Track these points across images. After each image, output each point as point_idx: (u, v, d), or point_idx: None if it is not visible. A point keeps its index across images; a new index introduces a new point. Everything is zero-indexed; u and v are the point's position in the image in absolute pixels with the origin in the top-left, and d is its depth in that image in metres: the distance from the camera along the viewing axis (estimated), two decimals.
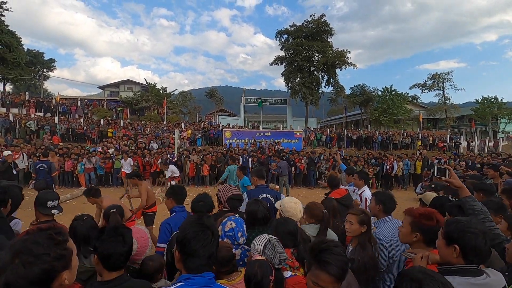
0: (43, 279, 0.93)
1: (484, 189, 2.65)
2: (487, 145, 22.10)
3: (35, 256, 0.92)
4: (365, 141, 21.58)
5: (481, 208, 1.83)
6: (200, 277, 1.23)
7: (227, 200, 2.70)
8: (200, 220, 1.35)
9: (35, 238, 0.97)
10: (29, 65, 31.79)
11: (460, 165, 10.60)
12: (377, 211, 2.51)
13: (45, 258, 0.94)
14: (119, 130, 19.07)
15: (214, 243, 1.29)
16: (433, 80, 34.09)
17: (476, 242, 1.31)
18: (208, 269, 1.27)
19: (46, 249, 0.95)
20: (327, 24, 28.13)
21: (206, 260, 1.26)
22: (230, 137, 19.25)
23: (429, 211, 1.78)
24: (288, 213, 2.44)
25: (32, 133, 17.05)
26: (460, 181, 1.99)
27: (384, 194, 2.62)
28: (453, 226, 1.39)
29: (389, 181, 13.40)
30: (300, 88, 27.82)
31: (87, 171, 11.94)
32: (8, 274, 0.88)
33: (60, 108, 22.28)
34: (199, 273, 1.24)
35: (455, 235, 1.36)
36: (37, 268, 0.92)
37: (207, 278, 1.24)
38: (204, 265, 1.26)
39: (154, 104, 28.21)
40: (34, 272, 0.91)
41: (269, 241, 1.80)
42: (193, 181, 13.20)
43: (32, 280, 0.91)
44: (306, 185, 13.46)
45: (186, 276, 1.24)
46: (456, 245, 1.34)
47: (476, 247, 1.31)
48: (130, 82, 39.51)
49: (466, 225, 1.36)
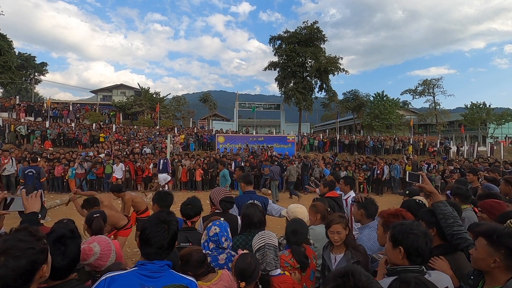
0: (29, 270, 1.03)
1: (460, 193, 2.75)
2: (476, 150, 22.53)
3: (21, 250, 1.02)
4: (357, 146, 21.80)
5: (451, 213, 1.88)
6: (152, 264, 1.40)
7: (219, 202, 2.78)
8: (159, 214, 1.54)
9: (18, 236, 1.07)
10: (20, 69, 31.45)
11: (448, 169, 10.80)
12: (360, 216, 2.56)
13: (30, 251, 1.05)
14: (111, 135, 18.92)
15: (166, 235, 1.44)
16: (423, 86, 34.77)
17: (418, 243, 1.39)
18: (159, 258, 1.42)
19: (29, 244, 1.06)
20: (320, 30, 28.55)
21: (156, 249, 1.42)
22: (223, 142, 19.26)
23: (396, 211, 1.88)
24: (293, 214, 2.57)
25: (22, 138, 16.81)
26: (432, 186, 2.07)
27: (366, 199, 2.67)
28: (397, 229, 1.48)
29: (380, 185, 13.54)
30: (293, 93, 28.05)
31: (78, 176, 11.80)
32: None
33: (51, 113, 22.02)
34: (151, 260, 1.41)
35: (399, 237, 1.45)
36: (24, 260, 1.02)
37: (158, 266, 1.40)
38: (155, 253, 1.42)
39: (147, 109, 28.08)
40: (22, 264, 1.01)
41: (264, 247, 1.92)
42: (186, 186, 13.15)
43: (20, 272, 1.01)
44: (299, 189, 13.50)
45: (141, 262, 1.41)
46: (401, 247, 1.42)
47: (418, 248, 1.39)
48: (123, 86, 39.30)
49: (409, 227, 1.44)
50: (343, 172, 11.75)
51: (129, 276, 1.37)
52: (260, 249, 1.93)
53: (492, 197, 2.53)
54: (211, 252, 2.05)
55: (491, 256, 1.38)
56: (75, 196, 4.43)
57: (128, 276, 1.38)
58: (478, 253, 1.45)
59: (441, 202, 1.95)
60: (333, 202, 3.38)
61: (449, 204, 1.97)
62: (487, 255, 1.39)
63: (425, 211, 2.04)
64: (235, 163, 13.19)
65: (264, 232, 2.13)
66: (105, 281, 1.35)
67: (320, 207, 2.76)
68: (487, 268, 1.42)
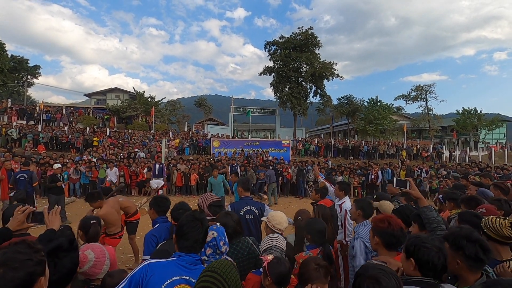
0: (27, 282, 1.04)
1: (454, 198, 2.79)
2: (468, 155, 22.88)
3: (19, 262, 1.03)
4: (351, 150, 21.97)
5: (435, 218, 1.99)
6: (189, 256, 1.53)
7: (208, 207, 2.72)
8: (193, 213, 1.71)
9: (16, 249, 1.08)
10: (12, 72, 31.07)
11: (441, 174, 10.94)
12: (357, 216, 2.72)
13: (28, 263, 1.05)
14: (105, 139, 18.73)
15: (200, 231, 1.59)
16: (416, 92, 35.35)
17: (429, 257, 1.40)
18: (195, 251, 1.57)
19: (28, 256, 1.06)
20: (315, 36, 28.88)
21: (192, 243, 1.56)
22: (219, 146, 19.21)
23: (384, 216, 1.93)
24: (275, 221, 2.52)
25: (13, 142, 16.54)
26: (418, 192, 2.18)
27: (363, 201, 2.83)
28: (410, 241, 1.50)
29: (374, 190, 13.63)
30: (288, 98, 28.22)
31: (72, 181, 11.64)
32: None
33: (44, 116, 21.73)
34: (189, 253, 1.53)
35: (411, 249, 1.47)
36: (22, 272, 1.03)
37: (194, 259, 1.54)
38: (191, 247, 1.56)
39: (142, 113, 27.93)
40: (20, 276, 1.02)
41: (271, 248, 2.09)
42: (181, 190, 13.05)
43: (18, 283, 1.01)
44: (294, 194, 13.52)
45: (178, 254, 1.53)
46: (412, 259, 1.44)
47: (429, 261, 1.40)
48: (117, 90, 39.02)
49: (422, 241, 1.46)
50: (339, 177, 11.81)
51: (169, 265, 1.49)
52: (267, 250, 2.08)
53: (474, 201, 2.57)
54: (208, 258, 2.04)
55: (453, 259, 1.47)
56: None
57: (168, 265, 1.49)
58: (448, 257, 1.51)
59: (426, 207, 2.06)
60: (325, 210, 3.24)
61: None
62: (451, 258, 1.47)
63: (417, 214, 2.13)
64: (231, 167, 13.16)
65: (273, 234, 2.31)
66: (147, 267, 1.46)
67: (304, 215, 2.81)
68: (454, 270, 1.51)
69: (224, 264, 1.39)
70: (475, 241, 1.46)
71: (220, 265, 1.36)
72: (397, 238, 1.83)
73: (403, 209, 2.60)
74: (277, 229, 2.47)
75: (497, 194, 3.30)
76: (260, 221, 3.17)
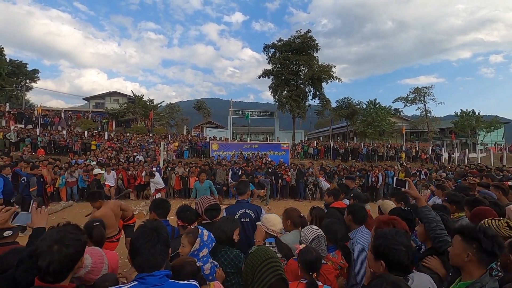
0: (74, 259, 1.29)
1: (456, 201, 2.75)
2: (467, 157, 22.89)
3: (71, 241, 1.28)
4: (351, 153, 21.95)
5: (434, 217, 2.00)
6: (151, 277, 1.29)
7: (204, 211, 2.67)
8: (146, 223, 1.47)
9: (67, 229, 1.33)
10: (11, 76, 31.02)
11: (440, 176, 10.90)
12: (348, 221, 2.65)
13: (78, 243, 1.31)
14: (103, 143, 18.66)
15: (155, 242, 1.35)
16: (415, 94, 35.43)
17: (400, 257, 1.42)
18: (156, 267, 1.33)
19: (77, 236, 1.33)
20: (313, 39, 28.96)
21: (147, 257, 1.32)
22: (217, 149, 19.18)
23: (388, 218, 1.90)
24: (269, 223, 2.50)
25: (11, 145, 16.46)
26: (417, 192, 2.21)
27: (354, 205, 2.77)
28: (379, 242, 1.50)
29: (374, 192, 13.58)
30: (287, 101, 28.23)
31: (69, 185, 11.56)
32: (52, 255, 1.21)
33: (42, 120, 21.62)
34: (145, 271, 1.31)
35: (381, 250, 1.47)
36: (73, 249, 1.27)
37: (158, 277, 1.30)
38: (147, 263, 1.32)
39: (140, 116, 27.88)
40: (71, 252, 1.26)
41: (318, 236, 2.19)
42: (179, 194, 12.98)
43: (69, 259, 1.26)
44: (294, 197, 13.45)
45: (139, 276, 1.31)
46: (382, 261, 1.45)
47: (399, 262, 1.42)
48: (116, 93, 39.00)
49: (392, 241, 1.46)
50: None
51: None
52: (315, 238, 2.18)
53: (478, 203, 2.55)
54: (197, 262, 1.99)
55: (465, 251, 1.50)
56: None
57: None
58: (454, 249, 1.57)
59: (425, 207, 2.08)
60: (338, 214, 3.17)
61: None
62: (462, 250, 1.51)
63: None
64: (233, 171, 13.10)
65: (312, 226, 2.39)
66: None
67: (293, 213, 2.76)
68: (461, 263, 1.53)
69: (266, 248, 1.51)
70: (491, 236, 1.49)
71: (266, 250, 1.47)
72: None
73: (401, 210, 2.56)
74: (272, 231, 2.43)
75: (498, 195, 3.31)
76: (256, 224, 3.13)
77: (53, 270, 1.20)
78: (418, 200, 2.16)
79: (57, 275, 1.24)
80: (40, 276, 1.23)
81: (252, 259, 1.51)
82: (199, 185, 6.50)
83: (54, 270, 1.21)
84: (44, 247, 1.22)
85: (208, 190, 6.46)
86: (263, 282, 1.41)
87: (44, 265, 1.19)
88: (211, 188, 6.58)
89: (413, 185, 2.27)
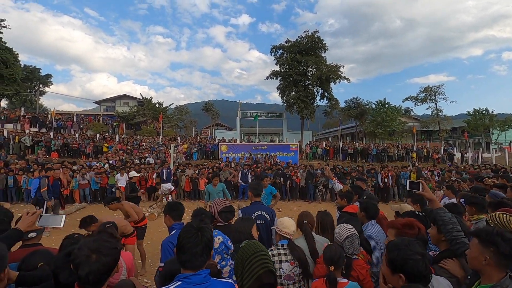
0: (112, 267, 1.32)
1: (476, 203, 2.68)
2: (480, 156, 22.34)
3: (108, 249, 1.31)
4: (360, 153, 21.71)
5: (450, 219, 1.95)
6: (195, 275, 1.35)
7: (218, 213, 2.69)
8: (194, 223, 1.54)
9: (103, 238, 1.37)
10: (25, 81, 31.86)
11: (453, 176, 10.69)
12: (361, 217, 2.81)
13: (115, 251, 1.34)
14: (114, 145, 18.99)
15: (198, 242, 1.41)
16: (425, 93, 34.81)
17: (418, 268, 1.37)
18: (199, 266, 1.38)
19: (114, 245, 1.35)
20: (321, 39, 28.82)
21: (190, 256, 1.38)
22: (226, 151, 19.26)
23: (410, 221, 1.87)
24: (282, 225, 2.52)
25: (26, 149, 16.91)
26: (431, 193, 2.17)
27: (367, 202, 2.86)
28: (395, 254, 1.43)
29: (385, 193, 13.39)
30: (295, 101, 28.14)
31: (82, 187, 11.80)
32: (90, 265, 1.23)
33: (56, 123, 22.18)
34: (194, 269, 1.37)
35: (397, 263, 1.40)
36: (110, 258, 1.30)
37: (202, 276, 1.37)
38: (189, 261, 1.38)
39: (150, 119, 28.26)
40: (109, 261, 1.29)
41: (351, 235, 2.31)
42: (189, 195, 13.09)
43: (108, 267, 1.29)
44: (304, 198, 13.39)
45: (183, 276, 1.36)
46: (401, 274, 1.39)
47: (418, 272, 1.37)
48: (126, 97, 39.63)
49: (407, 252, 1.40)
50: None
51: None
52: (349, 237, 2.30)
53: (502, 205, 2.48)
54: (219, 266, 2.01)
55: (482, 254, 1.48)
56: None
57: None
58: (471, 252, 1.55)
59: (440, 209, 2.04)
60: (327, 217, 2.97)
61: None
62: (479, 253, 1.49)
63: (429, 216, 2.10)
64: (242, 172, 13.14)
65: (345, 224, 2.50)
66: None
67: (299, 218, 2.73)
68: (480, 266, 1.51)
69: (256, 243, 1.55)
70: (509, 239, 1.47)
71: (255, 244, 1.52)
72: (426, 243, 1.81)
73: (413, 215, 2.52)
74: (285, 233, 2.45)
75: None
76: (270, 226, 3.13)
77: (92, 280, 1.24)
78: (432, 202, 2.13)
79: (96, 283, 1.27)
80: (79, 284, 1.27)
81: (241, 253, 1.55)
82: (212, 188, 6.39)
83: (93, 279, 1.24)
84: (82, 257, 1.25)
85: (221, 193, 6.40)
86: (251, 274, 1.44)
87: (83, 274, 1.22)
88: (224, 190, 6.51)
89: (427, 187, 2.24)
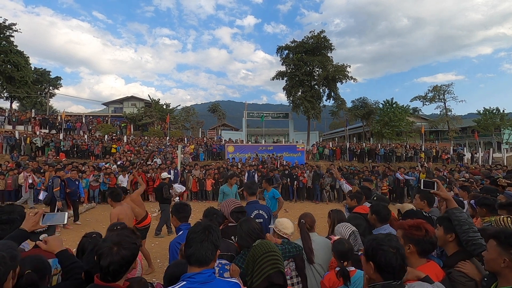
0: (130, 260, 1.38)
1: (487, 204, 2.65)
2: (491, 156, 21.91)
3: (128, 244, 1.37)
4: (367, 154, 21.51)
5: (466, 219, 1.91)
6: (200, 274, 1.40)
7: (230, 214, 2.72)
8: (203, 222, 1.62)
9: (124, 233, 1.45)
10: (35, 83, 32.47)
11: (464, 177, 10.51)
12: (373, 221, 2.72)
13: (134, 246, 1.41)
14: (122, 146, 19.22)
15: (204, 236, 1.47)
16: (433, 92, 34.27)
17: (387, 259, 1.39)
18: (205, 263, 1.43)
19: (134, 240, 1.43)
20: (327, 39, 28.63)
21: (195, 249, 1.44)
22: (233, 151, 19.31)
23: (418, 222, 1.82)
24: (281, 226, 2.53)
25: (37, 150, 17.24)
26: (447, 193, 2.10)
27: (378, 205, 2.77)
28: (369, 244, 1.50)
29: (395, 193, 13.24)
30: (301, 102, 28.02)
31: (92, 188, 11.98)
32: (112, 256, 1.31)
33: (65, 125, 22.56)
34: (199, 265, 1.42)
35: (369, 252, 1.46)
36: (129, 251, 1.37)
37: (207, 275, 1.41)
38: (195, 254, 1.43)
39: (157, 120, 28.51)
40: (128, 254, 1.36)
41: (353, 232, 2.39)
42: (196, 196, 13.17)
43: (127, 260, 1.35)
44: (310, 199, 13.34)
45: (188, 275, 1.41)
46: (371, 262, 1.44)
47: (387, 263, 1.39)
48: (133, 98, 40.06)
49: (380, 243, 1.44)
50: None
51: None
52: (351, 234, 2.38)
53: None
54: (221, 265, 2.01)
55: (500, 256, 1.45)
56: None
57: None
58: (489, 254, 1.52)
59: (456, 209, 1.98)
60: (361, 220, 2.98)
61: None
62: (497, 255, 1.47)
63: (443, 217, 2.07)
64: (249, 173, 13.17)
65: (344, 223, 2.58)
66: None
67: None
68: (498, 268, 1.48)
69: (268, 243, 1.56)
70: None
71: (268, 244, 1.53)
72: (434, 245, 1.77)
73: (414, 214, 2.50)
74: (283, 234, 2.46)
75: None
76: (268, 224, 3.16)
77: (112, 270, 1.31)
78: (448, 201, 2.06)
79: (115, 275, 1.34)
80: (101, 275, 1.34)
81: (253, 251, 1.58)
82: (228, 189, 6.04)
83: (113, 270, 1.31)
84: (105, 248, 1.34)
85: (236, 193, 6.17)
86: (261, 273, 1.47)
87: (105, 265, 1.30)
88: (237, 193, 6.27)
89: (442, 186, 2.17)
